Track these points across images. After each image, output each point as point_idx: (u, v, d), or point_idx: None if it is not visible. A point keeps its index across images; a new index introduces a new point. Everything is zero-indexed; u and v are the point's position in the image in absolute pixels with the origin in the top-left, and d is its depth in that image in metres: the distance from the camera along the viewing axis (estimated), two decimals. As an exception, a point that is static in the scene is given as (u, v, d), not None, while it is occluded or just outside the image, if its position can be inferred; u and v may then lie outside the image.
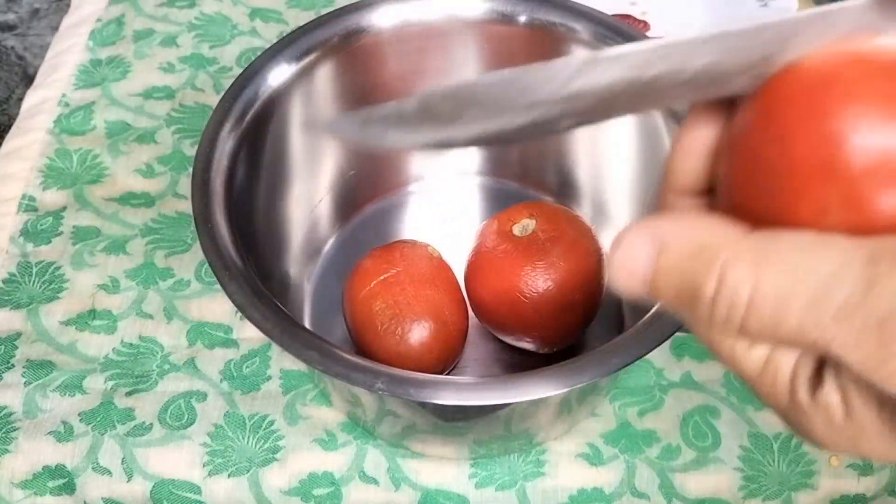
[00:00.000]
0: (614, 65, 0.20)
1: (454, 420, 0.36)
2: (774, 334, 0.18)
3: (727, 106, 0.21)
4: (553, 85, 0.20)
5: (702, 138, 0.22)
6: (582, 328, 0.41)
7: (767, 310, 0.18)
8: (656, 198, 0.24)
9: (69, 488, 0.40)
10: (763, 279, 0.18)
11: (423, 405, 0.34)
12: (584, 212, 0.47)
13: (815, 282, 0.18)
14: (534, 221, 0.40)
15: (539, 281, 0.38)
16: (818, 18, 0.19)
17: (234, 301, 0.32)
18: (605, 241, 0.42)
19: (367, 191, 0.49)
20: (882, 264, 0.17)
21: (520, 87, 0.21)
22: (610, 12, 0.42)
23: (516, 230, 0.40)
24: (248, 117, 0.38)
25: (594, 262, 0.40)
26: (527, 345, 0.41)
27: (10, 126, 0.54)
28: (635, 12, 0.59)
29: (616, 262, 0.21)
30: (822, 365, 0.20)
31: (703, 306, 0.19)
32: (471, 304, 0.42)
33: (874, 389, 0.19)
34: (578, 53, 0.20)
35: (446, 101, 0.22)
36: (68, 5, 0.61)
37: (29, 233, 0.48)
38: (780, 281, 0.18)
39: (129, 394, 0.42)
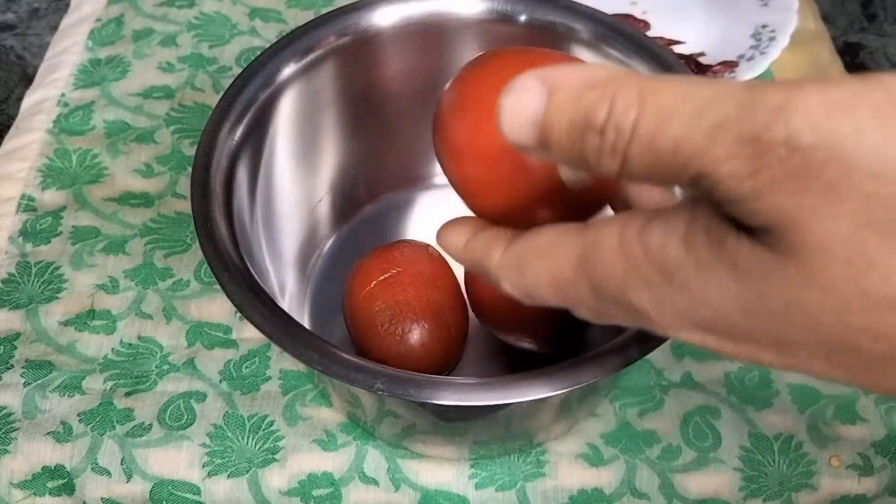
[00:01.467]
0: None
1: (454, 420, 0.36)
2: (652, 155, 0.19)
3: None
4: None
5: None
6: (582, 328, 0.41)
7: (649, 127, 0.19)
8: None
9: (68, 489, 0.40)
10: (648, 100, 0.19)
11: (423, 406, 0.34)
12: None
13: (697, 101, 0.18)
14: (534, 221, 0.40)
15: (539, 281, 0.38)
16: None
17: (233, 301, 0.32)
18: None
19: (367, 191, 0.49)
20: (763, 89, 0.18)
21: None
22: (610, 12, 0.42)
23: (516, 230, 0.40)
24: (248, 117, 0.38)
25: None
26: (527, 345, 0.41)
27: (9, 126, 0.54)
28: (636, 12, 0.59)
29: (505, 107, 0.21)
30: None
31: (593, 136, 0.20)
32: (471, 305, 0.42)
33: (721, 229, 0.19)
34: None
35: None
36: (67, 5, 0.61)
37: (28, 233, 0.48)
38: (663, 101, 0.19)
39: (128, 394, 0.42)
